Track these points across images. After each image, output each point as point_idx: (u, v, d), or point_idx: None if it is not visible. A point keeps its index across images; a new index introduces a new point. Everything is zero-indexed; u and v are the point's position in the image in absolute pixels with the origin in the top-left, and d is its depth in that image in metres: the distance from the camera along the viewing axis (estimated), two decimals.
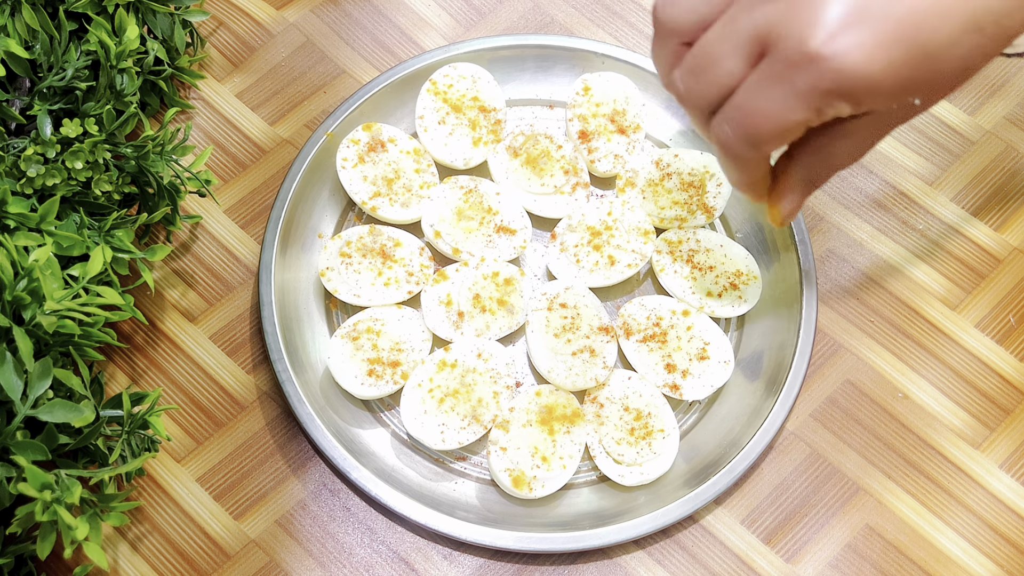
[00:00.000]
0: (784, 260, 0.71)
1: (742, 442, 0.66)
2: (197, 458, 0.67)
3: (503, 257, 0.71)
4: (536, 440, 0.65)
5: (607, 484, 0.67)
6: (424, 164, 0.73)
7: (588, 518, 0.65)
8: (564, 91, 0.78)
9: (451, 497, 0.66)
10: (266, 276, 0.69)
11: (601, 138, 0.74)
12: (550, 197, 0.73)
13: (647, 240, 0.71)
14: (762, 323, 0.71)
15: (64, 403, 0.55)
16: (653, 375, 0.68)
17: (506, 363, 0.67)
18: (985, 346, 0.71)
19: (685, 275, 0.71)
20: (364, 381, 0.67)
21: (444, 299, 0.69)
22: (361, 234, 0.71)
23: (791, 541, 0.65)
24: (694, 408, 0.69)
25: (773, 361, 0.69)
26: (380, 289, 0.69)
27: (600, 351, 0.67)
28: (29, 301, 0.57)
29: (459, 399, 0.66)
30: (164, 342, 0.71)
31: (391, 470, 0.66)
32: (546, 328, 0.68)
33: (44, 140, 0.64)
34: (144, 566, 0.65)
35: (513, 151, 0.74)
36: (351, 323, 0.68)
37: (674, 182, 0.73)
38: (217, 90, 0.79)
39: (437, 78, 0.75)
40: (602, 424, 0.66)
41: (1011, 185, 0.76)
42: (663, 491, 0.65)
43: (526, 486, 0.64)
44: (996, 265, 0.73)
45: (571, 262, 0.71)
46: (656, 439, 0.66)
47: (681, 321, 0.69)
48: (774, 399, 0.67)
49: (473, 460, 0.68)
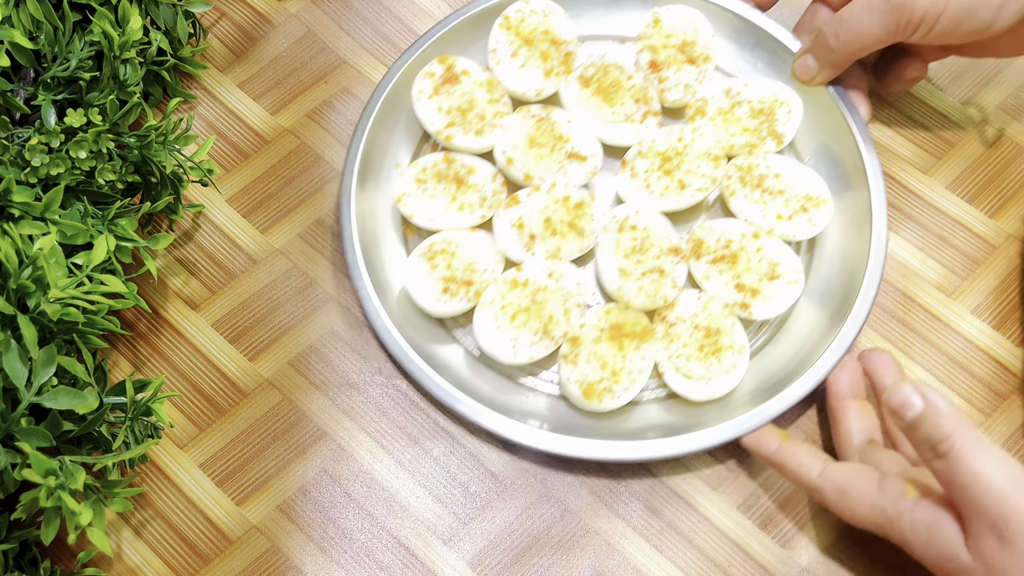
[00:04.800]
0: (855, 186, 0.72)
1: (811, 360, 0.66)
2: (199, 445, 0.68)
3: (574, 183, 0.72)
4: (606, 355, 0.66)
5: (675, 401, 0.68)
6: (497, 95, 0.75)
7: (655, 431, 0.66)
8: (634, 26, 0.80)
9: (522, 408, 0.67)
10: (346, 202, 0.71)
11: (671, 68, 0.76)
12: (620, 125, 0.75)
13: (717, 165, 0.72)
14: (832, 248, 0.72)
15: (68, 390, 0.56)
16: (723, 295, 0.69)
17: (576, 283, 0.69)
18: (981, 332, 0.71)
19: (755, 199, 0.71)
20: (439, 298, 0.69)
21: (516, 222, 0.71)
22: (436, 161, 0.73)
23: (786, 527, 0.66)
24: (763, 329, 0.71)
25: (842, 286, 0.70)
26: (454, 213, 0.71)
27: (670, 271, 0.69)
28: (34, 289, 0.57)
29: (530, 316, 0.67)
30: (167, 330, 0.71)
31: (465, 382, 0.68)
32: (616, 249, 0.69)
33: (48, 130, 0.64)
34: (147, 551, 0.65)
35: (584, 81, 0.75)
36: (426, 244, 0.70)
37: (744, 110, 0.74)
38: (219, 80, 0.80)
39: (510, 13, 0.77)
40: (671, 342, 0.68)
41: (1006, 173, 0.76)
42: (730, 407, 0.67)
43: (596, 397, 0.66)
44: (991, 252, 0.74)
45: (641, 187, 0.72)
46: (725, 355, 0.67)
47: (751, 243, 0.70)
48: (842, 322, 0.67)
49: (543, 376, 0.70)
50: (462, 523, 0.66)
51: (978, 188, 0.76)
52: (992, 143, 0.77)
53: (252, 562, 0.65)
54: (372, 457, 0.68)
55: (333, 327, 0.71)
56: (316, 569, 0.65)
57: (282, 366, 0.70)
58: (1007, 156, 0.77)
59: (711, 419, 0.66)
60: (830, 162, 0.74)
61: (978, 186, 0.76)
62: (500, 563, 0.65)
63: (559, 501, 0.66)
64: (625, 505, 0.66)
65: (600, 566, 0.65)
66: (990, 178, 0.76)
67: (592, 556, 0.65)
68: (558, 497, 0.67)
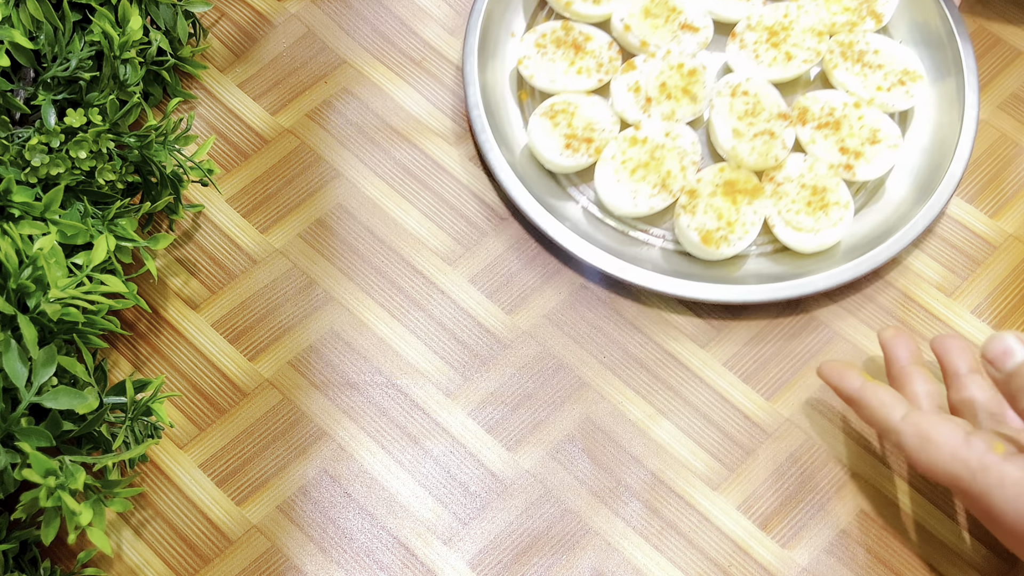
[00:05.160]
0: (946, 65, 0.78)
1: (902, 224, 0.72)
2: (199, 445, 0.68)
3: (687, 51, 0.77)
4: (721, 207, 0.71)
5: (783, 254, 0.73)
6: None
7: (766, 280, 0.71)
8: None
9: (638, 257, 0.72)
10: (470, 64, 0.77)
11: None
12: (730, 1, 0.79)
13: (821, 39, 0.77)
14: (922, 125, 0.77)
15: (68, 390, 0.56)
16: (828, 157, 0.74)
17: (691, 142, 0.73)
18: (983, 332, 0.71)
19: (856, 72, 0.76)
20: (562, 153, 0.74)
21: (632, 86, 0.76)
22: (555, 28, 0.78)
23: (787, 527, 0.66)
24: (859, 195, 0.75)
25: (932, 161, 0.75)
26: (573, 77, 0.76)
27: (779, 134, 0.73)
28: (34, 289, 0.57)
29: (649, 170, 0.72)
30: (167, 330, 0.71)
31: (584, 232, 0.73)
32: (730, 112, 0.74)
33: (48, 130, 0.64)
34: (147, 551, 0.65)
35: None
36: (547, 105, 0.75)
37: None
38: (219, 80, 0.80)
39: None
40: (780, 198, 0.72)
41: (1006, 173, 0.76)
42: (837, 258, 0.72)
43: (713, 244, 0.70)
44: (991, 252, 0.74)
45: (750, 58, 0.77)
46: (832, 210, 0.71)
47: (853, 112, 0.75)
48: (939, 181, 0.73)
49: (655, 232, 0.74)
50: (462, 523, 0.66)
51: (978, 188, 0.76)
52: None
53: (252, 562, 0.65)
54: (372, 457, 0.68)
55: (333, 327, 0.71)
56: (316, 569, 0.65)
57: (282, 366, 0.70)
58: (1007, 156, 0.77)
59: (813, 270, 0.71)
60: (924, 43, 0.79)
61: (978, 186, 0.76)
62: (500, 563, 0.65)
63: (559, 501, 0.66)
64: (625, 505, 0.66)
65: (600, 566, 0.65)
66: (990, 178, 0.76)
67: (592, 556, 0.65)
68: (558, 497, 0.67)
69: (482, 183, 0.76)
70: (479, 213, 0.75)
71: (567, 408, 0.69)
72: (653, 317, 0.72)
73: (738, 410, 0.69)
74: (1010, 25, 0.82)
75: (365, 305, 0.72)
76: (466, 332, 0.71)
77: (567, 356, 0.70)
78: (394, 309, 0.72)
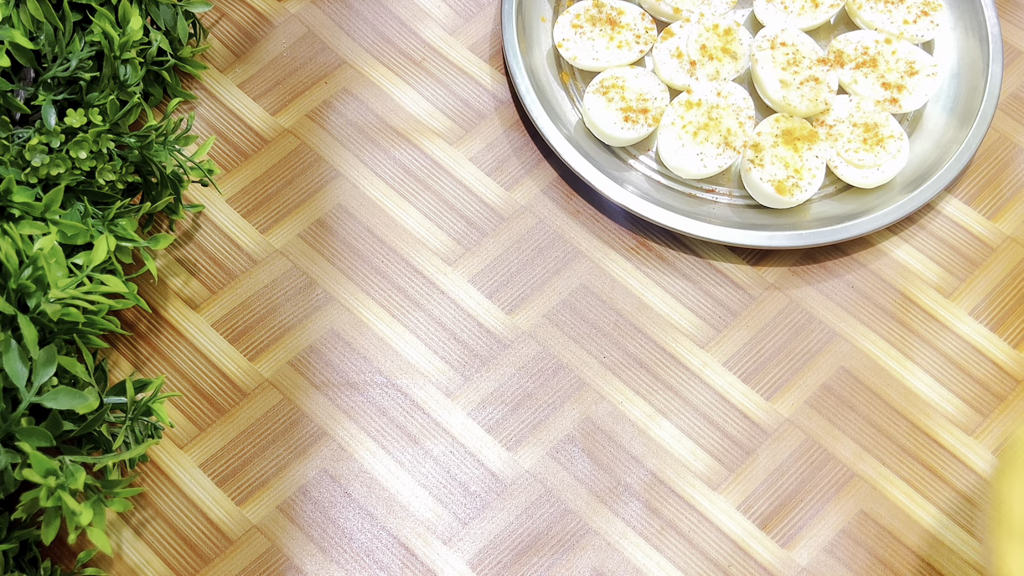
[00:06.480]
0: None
1: (950, 155, 0.74)
2: (199, 445, 0.68)
3: (718, 12, 0.79)
4: (786, 156, 0.73)
5: (847, 193, 0.76)
6: None
7: (835, 221, 0.73)
8: None
9: (709, 215, 0.74)
10: (512, 53, 0.78)
11: None
12: None
13: None
14: (950, 47, 0.80)
15: (68, 390, 0.56)
16: (872, 94, 0.76)
17: (743, 98, 0.76)
18: (979, 334, 0.71)
19: (880, 10, 0.79)
20: (623, 126, 0.75)
21: (674, 52, 0.78)
22: (587, 7, 0.79)
23: (786, 527, 0.66)
24: (903, 123, 0.78)
25: (967, 76, 0.78)
26: (615, 51, 0.78)
27: (823, 78, 0.76)
28: (34, 289, 0.57)
29: (710, 131, 0.74)
30: (167, 330, 0.71)
31: (653, 198, 0.74)
32: (774, 64, 0.76)
33: (48, 130, 0.64)
34: (147, 551, 0.65)
35: None
36: (596, 82, 0.77)
37: None
38: (219, 80, 0.80)
39: None
40: (836, 140, 0.75)
41: (1004, 174, 0.77)
42: (888, 196, 0.74)
43: (787, 192, 0.72)
44: (989, 253, 0.74)
45: (779, 10, 0.79)
46: (888, 143, 0.74)
47: (885, 48, 0.77)
48: (980, 102, 0.76)
49: (720, 191, 0.76)
50: (462, 523, 0.66)
51: (976, 190, 0.76)
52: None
53: (252, 562, 0.65)
54: (372, 457, 0.68)
55: (333, 327, 0.72)
56: (316, 569, 0.65)
57: (282, 366, 0.70)
58: (1005, 157, 0.77)
59: (877, 206, 0.73)
60: None
61: (976, 188, 0.76)
62: (500, 563, 0.65)
63: (559, 501, 0.67)
64: (625, 505, 0.66)
65: (600, 566, 0.65)
66: (988, 179, 0.76)
67: (592, 556, 0.65)
68: (558, 497, 0.67)
69: (482, 183, 0.76)
70: (479, 213, 0.75)
71: (567, 408, 0.69)
72: (654, 317, 0.72)
73: (738, 410, 0.69)
74: (1010, 25, 0.82)
75: (365, 305, 0.72)
76: (466, 332, 0.71)
77: (567, 356, 0.71)
78: (394, 309, 0.72)
